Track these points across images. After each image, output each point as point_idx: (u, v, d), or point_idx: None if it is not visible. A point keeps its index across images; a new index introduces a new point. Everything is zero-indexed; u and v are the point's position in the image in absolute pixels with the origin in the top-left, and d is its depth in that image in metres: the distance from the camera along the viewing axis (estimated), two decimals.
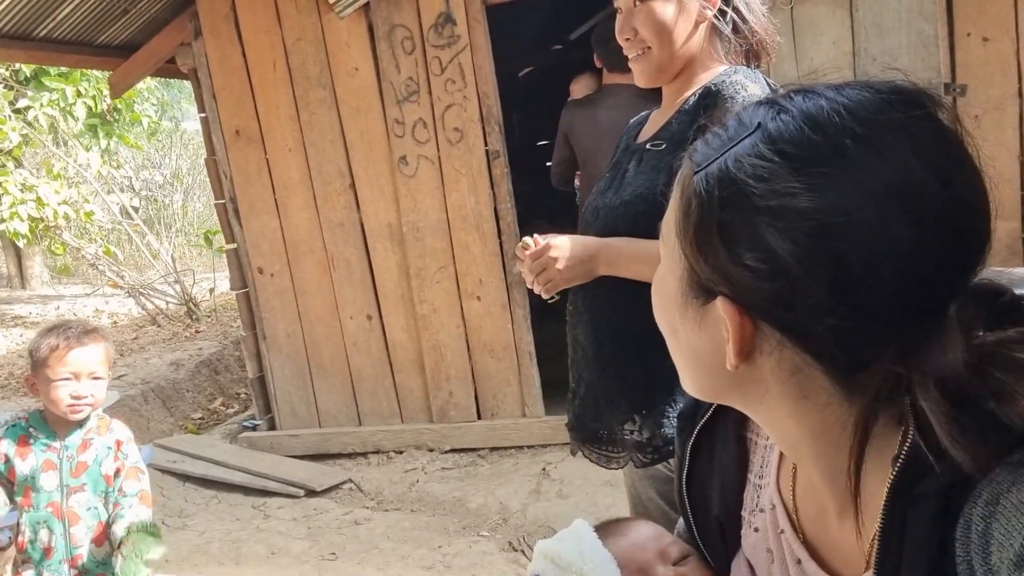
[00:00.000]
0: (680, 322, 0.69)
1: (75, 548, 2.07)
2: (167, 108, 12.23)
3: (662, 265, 0.71)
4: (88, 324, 2.16)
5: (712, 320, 0.65)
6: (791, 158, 0.59)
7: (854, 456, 0.63)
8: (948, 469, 0.58)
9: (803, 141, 0.59)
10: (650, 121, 1.66)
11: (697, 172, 0.64)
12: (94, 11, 4.18)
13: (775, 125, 0.61)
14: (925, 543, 0.59)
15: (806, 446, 0.67)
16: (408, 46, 3.96)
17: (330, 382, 4.45)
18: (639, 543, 0.90)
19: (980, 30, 3.42)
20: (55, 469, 2.08)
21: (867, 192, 0.56)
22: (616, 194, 1.57)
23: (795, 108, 0.61)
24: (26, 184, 7.70)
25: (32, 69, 8.11)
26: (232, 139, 4.30)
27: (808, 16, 3.56)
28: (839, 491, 0.67)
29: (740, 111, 0.66)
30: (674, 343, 0.72)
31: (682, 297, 0.67)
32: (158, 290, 8.38)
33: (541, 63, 7.43)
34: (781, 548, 0.77)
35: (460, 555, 3.18)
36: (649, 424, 1.50)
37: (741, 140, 0.62)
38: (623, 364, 1.54)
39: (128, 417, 5.10)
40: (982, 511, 0.56)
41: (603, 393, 1.57)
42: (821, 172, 0.57)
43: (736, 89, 1.42)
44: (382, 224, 4.19)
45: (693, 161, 0.65)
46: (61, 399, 2.04)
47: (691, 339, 0.68)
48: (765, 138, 0.61)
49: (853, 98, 0.60)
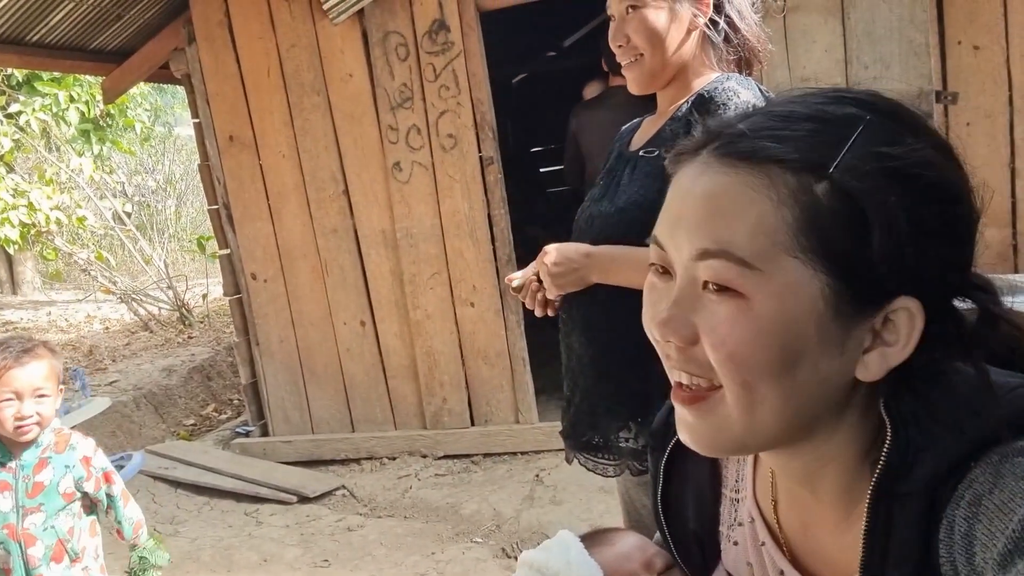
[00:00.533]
0: (811, 354, 0.60)
1: (33, 569, 2.02)
2: (160, 113, 12.22)
3: (762, 304, 0.60)
4: (29, 341, 2.08)
5: (858, 334, 0.61)
6: (912, 129, 0.62)
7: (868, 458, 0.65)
8: (928, 466, 0.59)
9: (906, 113, 0.63)
10: (643, 128, 1.66)
11: (822, 179, 0.59)
12: (87, 16, 4.18)
13: (885, 104, 0.63)
14: (911, 542, 0.59)
15: (835, 464, 0.67)
16: (402, 52, 3.96)
17: (323, 388, 4.44)
18: (624, 553, 0.90)
19: (971, 38, 3.44)
20: (10, 490, 2.03)
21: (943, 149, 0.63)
22: (611, 202, 1.57)
23: (866, 94, 0.64)
24: (18, 189, 7.66)
25: (24, 74, 8.09)
26: (226, 145, 4.30)
27: (800, 24, 3.57)
28: (839, 500, 0.68)
29: (815, 110, 0.63)
30: (784, 386, 0.61)
31: (821, 323, 0.59)
32: (151, 296, 8.35)
33: (535, 69, 7.45)
34: (762, 560, 0.77)
35: (453, 562, 3.18)
36: (645, 432, 1.50)
37: (858, 131, 0.60)
38: (618, 372, 1.54)
39: (120, 423, 5.08)
40: (965, 512, 0.57)
41: (599, 401, 1.57)
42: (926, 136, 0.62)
43: (729, 96, 1.43)
44: (376, 230, 4.18)
45: (806, 175, 0.60)
46: (5, 420, 1.97)
47: (821, 368, 0.61)
48: (887, 116, 0.62)
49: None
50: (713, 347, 0.61)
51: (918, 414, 0.62)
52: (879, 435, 0.64)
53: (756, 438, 0.64)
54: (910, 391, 0.63)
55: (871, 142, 0.60)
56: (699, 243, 0.62)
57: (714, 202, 0.62)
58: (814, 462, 0.67)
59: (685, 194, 0.65)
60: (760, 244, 0.59)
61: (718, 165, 0.63)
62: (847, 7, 3.50)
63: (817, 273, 0.59)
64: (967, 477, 0.58)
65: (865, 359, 0.61)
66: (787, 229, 0.59)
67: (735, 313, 0.60)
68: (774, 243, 0.59)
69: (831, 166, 0.59)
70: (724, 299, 0.61)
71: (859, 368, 0.61)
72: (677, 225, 0.64)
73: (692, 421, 0.66)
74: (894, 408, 0.63)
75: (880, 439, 0.63)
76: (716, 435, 0.65)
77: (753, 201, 0.60)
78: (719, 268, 0.60)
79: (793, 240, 0.59)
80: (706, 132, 0.67)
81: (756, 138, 0.62)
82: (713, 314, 0.61)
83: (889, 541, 0.60)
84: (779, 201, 0.59)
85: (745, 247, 0.60)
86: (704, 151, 0.65)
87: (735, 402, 0.62)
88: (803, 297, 0.59)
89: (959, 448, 0.59)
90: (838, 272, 0.59)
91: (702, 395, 0.65)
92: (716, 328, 0.61)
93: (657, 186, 1.47)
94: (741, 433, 0.63)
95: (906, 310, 0.60)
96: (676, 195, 0.66)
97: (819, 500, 0.70)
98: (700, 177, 0.64)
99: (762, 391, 0.61)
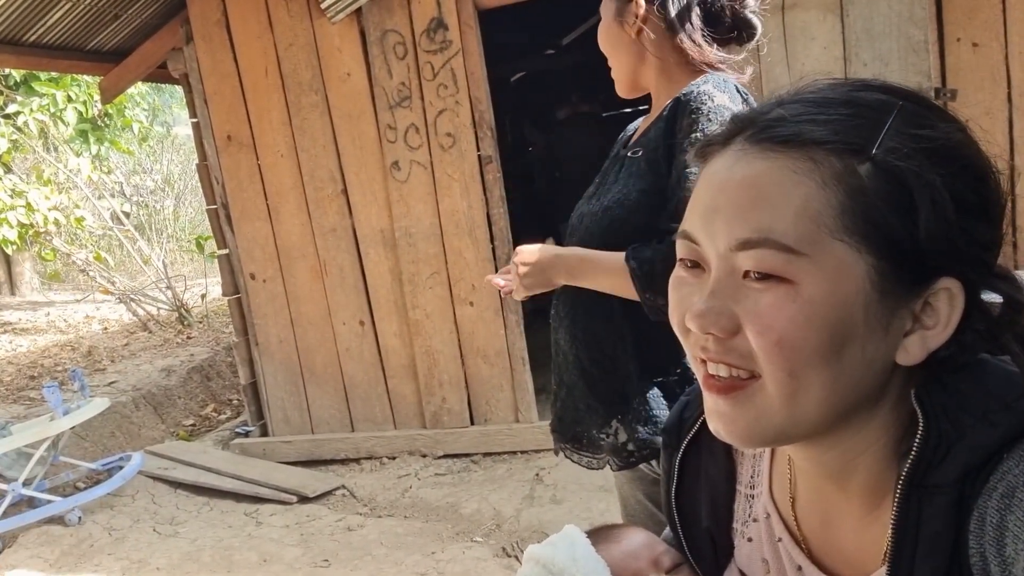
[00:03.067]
0: (859, 337, 0.60)
1: None
2: (158, 113, 12.21)
3: (810, 289, 0.59)
4: None
5: (901, 317, 0.61)
6: (939, 113, 0.63)
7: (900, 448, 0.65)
8: (960, 459, 0.59)
9: (926, 99, 0.64)
10: (639, 128, 1.68)
11: (865, 160, 0.60)
12: (85, 16, 4.17)
13: (909, 92, 0.64)
14: (941, 534, 0.59)
15: (866, 456, 0.67)
16: (400, 51, 3.95)
17: (323, 388, 4.44)
18: (632, 551, 0.89)
19: (970, 35, 3.44)
20: None
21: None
22: (599, 200, 1.59)
23: (886, 83, 0.65)
24: (16, 190, 7.65)
25: (22, 74, 8.08)
26: (224, 144, 4.29)
27: (799, 22, 3.57)
28: (867, 493, 0.68)
29: (848, 96, 0.64)
30: (831, 372, 0.60)
31: (867, 305, 0.59)
32: (149, 296, 8.34)
33: (533, 68, 7.44)
34: (778, 556, 0.77)
35: (454, 561, 3.17)
36: (625, 428, 1.53)
37: (893, 114, 0.61)
38: (600, 372, 1.56)
39: (119, 424, 5.08)
40: (997, 503, 0.57)
41: (581, 397, 1.59)
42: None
43: (703, 100, 1.42)
44: (374, 230, 4.18)
45: (849, 156, 0.60)
46: None
47: (867, 352, 0.61)
48: (915, 102, 0.63)
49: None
50: (760, 335, 0.60)
51: (948, 405, 0.62)
52: (909, 427, 0.64)
53: (798, 427, 0.63)
54: (940, 382, 0.63)
55: (907, 125, 0.61)
56: (739, 233, 0.61)
57: (755, 189, 0.61)
58: (847, 453, 0.67)
59: (721, 184, 0.64)
60: (805, 228, 0.59)
61: (756, 152, 0.62)
62: (846, 4, 3.49)
63: (863, 255, 0.59)
64: (999, 469, 0.58)
65: (905, 343, 0.62)
66: (832, 211, 0.59)
67: (783, 300, 0.59)
68: (819, 226, 0.59)
69: (873, 147, 0.59)
70: (769, 286, 0.60)
71: (900, 352, 0.62)
72: (712, 217, 0.63)
73: (727, 411, 0.65)
74: (926, 399, 0.63)
75: (910, 431, 0.63)
76: (754, 425, 0.64)
77: (798, 184, 0.60)
78: (763, 257, 0.60)
79: (838, 222, 0.59)
80: (735, 122, 0.66)
81: (797, 122, 0.62)
82: (757, 303, 0.61)
83: (919, 533, 0.60)
84: (823, 183, 0.59)
85: (790, 233, 0.59)
86: (737, 140, 0.64)
87: (778, 391, 0.61)
88: (851, 279, 0.59)
89: (991, 440, 0.59)
90: (884, 253, 0.59)
91: (739, 385, 0.63)
92: (762, 316, 0.60)
93: (639, 186, 1.49)
94: (782, 422, 0.63)
95: (947, 291, 0.60)
96: (708, 187, 0.65)
97: (846, 494, 0.69)
98: (736, 165, 0.63)
99: (809, 378, 0.60)
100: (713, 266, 0.64)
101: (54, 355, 7.12)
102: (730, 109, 1.41)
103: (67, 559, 3.56)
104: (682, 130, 1.43)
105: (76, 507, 3.87)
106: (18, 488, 3.79)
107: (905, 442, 0.64)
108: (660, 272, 1.37)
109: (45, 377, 6.19)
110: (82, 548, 3.65)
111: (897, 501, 0.62)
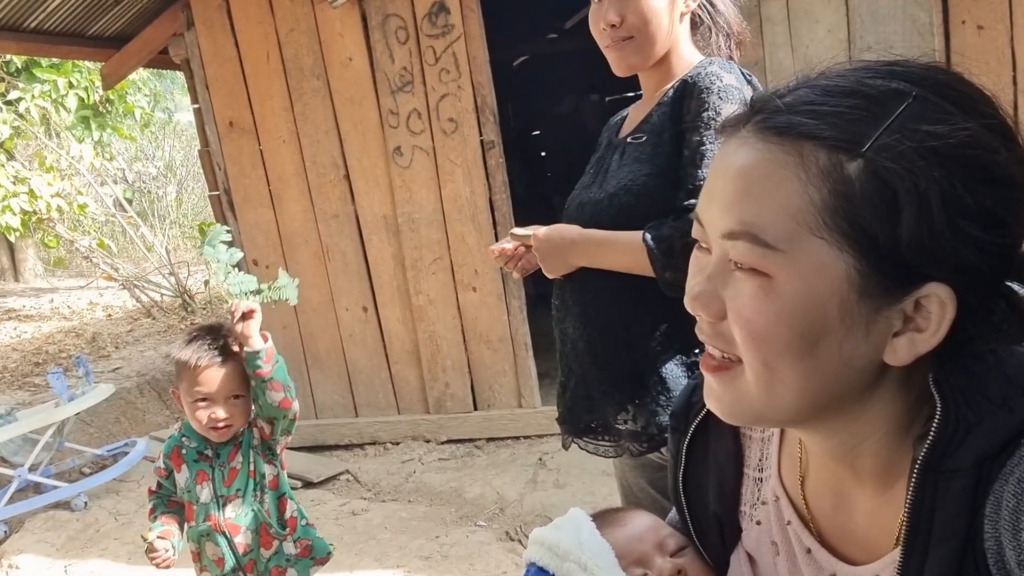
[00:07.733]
0: (834, 335, 0.60)
1: (243, 556, 1.96)
2: (160, 99, 12.15)
3: (784, 285, 0.59)
4: (221, 334, 1.97)
5: (887, 317, 0.60)
6: (963, 106, 0.60)
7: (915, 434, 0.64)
8: (978, 444, 0.59)
9: (962, 89, 0.61)
10: (630, 116, 1.67)
11: (855, 157, 0.58)
12: (86, 1, 4.15)
13: (941, 78, 0.61)
14: (957, 518, 0.59)
15: (872, 441, 0.67)
16: (402, 36, 3.94)
17: (326, 374, 4.45)
18: (637, 534, 0.89)
19: (975, 18, 3.41)
20: (208, 480, 1.96)
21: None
22: (600, 188, 1.58)
23: (922, 67, 0.63)
24: (18, 176, 7.65)
25: (23, 60, 8.05)
26: (226, 130, 4.28)
27: (803, 4, 3.54)
28: (879, 476, 0.68)
29: (858, 84, 0.61)
30: (804, 366, 0.61)
31: (844, 304, 0.59)
32: (152, 282, 8.35)
33: (536, 51, 7.40)
34: (787, 539, 0.77)
35: (457, 545, 3.19)
36: (643, 413, 1.51)
37: (899, 109, 0.58)
38: (614, 355, 1.54)
39: (123, 410, 5.10)
40: (1014, 488, 0.57)
41: (595, 385, 1.57)
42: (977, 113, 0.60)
43: (712, 80, 1.44)
44: (377, 215, 4.17)
45: (838, 153, 0.58)
46: (198, 421, 1.91)
47: (844, 350, 0.60)
48: (937, 92, 0.60)
49: None
50: (737, 324, 0.62)
51: (967, 390, 0.61)
52: (923, 411, 0.64)
53: (777, 413, 0.65)
54: (959, 368, 0.62)
55: (913, 119, 0.58)
56: (727, 223, 0.62)
57: (744, 181, 0.62)
58: (850, 439, 0.67)
59: (723, 170, 0.64)
60: (785, 225, 0.59)
61: (755, 140, 0.62)
62: None
63: (843, 254, 0.58)
64: (1016, 454, 0.58)
65: (894, 343, 0.61)
66: (813, 209, 0.58)
67: (758, 292, 0.60)
68: (799, 223, 0.59)
69: (865, 145, 0.57)
70: (749, 277, 0.61)
71: (887, 352, 0.61)
72: (711, 203, 0.65)
73: (715, 388, 0.68)
74: (944, 383, 0.62)
75: (924, 415, 0.63)
76: (735, 406, 0.67)
77: (782, 180, 0.59)
78: (744, 250, 0.61)
79: (819, 220, 0.58)
80: (751, 105, 0.66)
81: (792, 113, 0.61)
82: (739, 292, 0.62)
83: (934, 517, 0.60)
84: (807, 180, 0.59)
85: (769, 228, 0.59)
86: (747, 125, 0.64)
87: (754, 378, 0.63)
88: (827, 278, 0.59)
89: (1009, 426, 0.59)
90: (865, 254, 0.58)
91: (726, 366, 0.66)
92: (740, 306, 0.62)
93: (645, 170, 1.49)
94: (761, 408, 0.64)
95: (936, 296, 0.58)
96: (715, 171, 0.66)
97: (857, 477, 0.69)
98: (737, 152, 0.63)
99: (781, 370, 0.61)
100: (713, 251, 0.65)
101: (58, 342, 7.14)
102: (738, 89, 1.43)
103: (73, 544, 3.58)
104: (690, 111, 1.44)
105: (82, 492, 3.89)
106: (24, 474, 3.81)
107: (919, 426, 0.64)
108: (679, 249, 1.38)
109: (49, 364, 6.21)
110: (88, 533, 3.68)
111: (913, 485, 0.62)
